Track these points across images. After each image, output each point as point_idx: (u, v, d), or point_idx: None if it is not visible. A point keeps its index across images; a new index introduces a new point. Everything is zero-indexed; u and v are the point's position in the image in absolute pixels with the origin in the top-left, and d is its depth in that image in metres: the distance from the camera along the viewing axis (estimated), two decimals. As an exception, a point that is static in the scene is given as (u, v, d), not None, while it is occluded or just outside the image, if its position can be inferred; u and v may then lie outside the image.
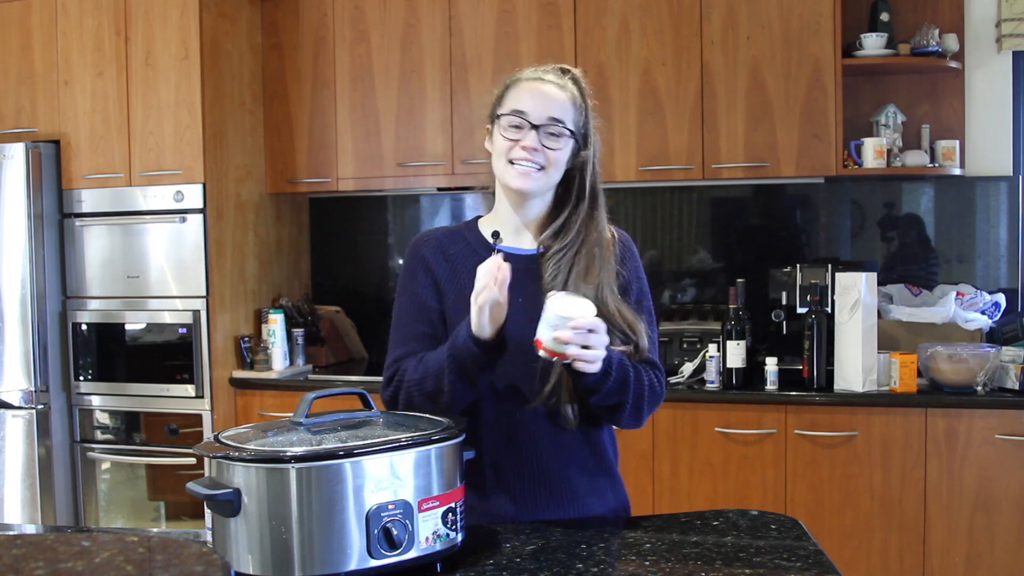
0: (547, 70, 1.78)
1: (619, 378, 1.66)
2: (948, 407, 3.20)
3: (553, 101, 1.72)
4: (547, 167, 1.72)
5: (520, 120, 1.71)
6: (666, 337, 3.58)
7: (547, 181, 1.74)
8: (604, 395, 1.67)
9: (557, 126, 1.71)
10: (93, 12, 3.88)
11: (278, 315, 3.89)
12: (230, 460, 1.35)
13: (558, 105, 1.72)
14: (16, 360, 3.84)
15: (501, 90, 1.79)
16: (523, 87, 1.74)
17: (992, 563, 3.18)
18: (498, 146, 1.74)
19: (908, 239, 3.81)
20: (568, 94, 1.75)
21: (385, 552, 1.35)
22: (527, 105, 1.72)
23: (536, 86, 1.74)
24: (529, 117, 1.71)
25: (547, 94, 1.73)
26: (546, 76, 1.76)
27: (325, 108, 4.01)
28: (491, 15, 3.79)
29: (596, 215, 1.78)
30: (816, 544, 1.54)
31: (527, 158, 1.71)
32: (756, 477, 3.35)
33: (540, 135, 1.70)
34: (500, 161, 1.74)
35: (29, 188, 3.83)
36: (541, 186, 1.74)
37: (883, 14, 3.59)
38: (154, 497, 3.95)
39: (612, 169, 3.67)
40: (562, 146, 1.73)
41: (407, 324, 1.78)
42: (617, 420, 1.76)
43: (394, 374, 1.74)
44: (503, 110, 1.74)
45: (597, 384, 1.64)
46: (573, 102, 1.75)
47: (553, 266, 1.73)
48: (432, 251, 1.80)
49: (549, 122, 1.71)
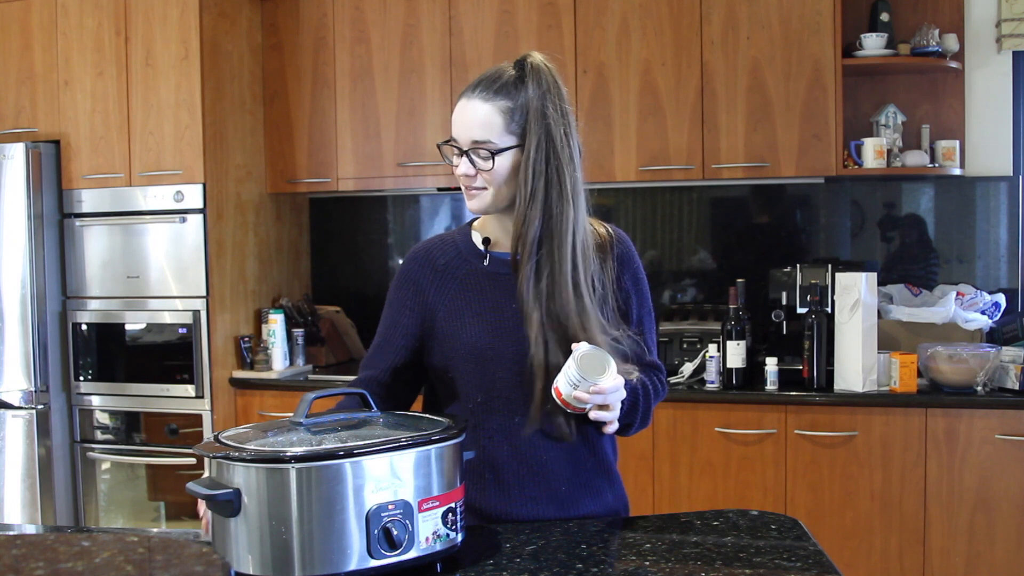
0: (487, 75, 1.70)
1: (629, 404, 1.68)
2: (948, 407, 3.20)
3: (472, 122, 1.67)
4: (488, 186, 1.70)
5: (454, 147, 1.70)
6: (666, 337, 3.58)
7: (497, 197, 1.70)
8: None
9: (481, 148, 1.67)
10: (93, 12, 3.88)
11: (278, 315, 3.89)
12: (230, 460, 1.35)
13: (478, 125, 1.66)
14: (16, 360, 3.84)
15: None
16: (457, 107, 1.71)
17: (992, 563, 3.18)
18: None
19: (908, 239, 3.81)
20: (497, 104, 1.66)
21: (385, 552, 1.35)
22: (455, 130, 1.70)
23: (459, 108, 1.70)
24: (458, 143, 1.69)
25: (467, 116, 1.68)
26: (473, 92, 1.69)
27: (325, 108, 4.01)
28: (491, 15, 3.79)
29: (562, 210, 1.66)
30: (816, 544, 1.54)
31: (468, 185, 1.71)
32: (756, 477, 3.35)
33: (470, 157, 1.68)
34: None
35: (29, 188, 3.83)
36: (492, 203, 1.71)
37: (883, 14, 3.59)
38: (154, 497, 3.95)
39: (612, 169, 3.67)
40: (492, 165, 1.67)
41: (377, 345, 1.80)
42: (623, 434, 1.78)
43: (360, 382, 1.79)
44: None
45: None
46: (504, 111, 1.66)
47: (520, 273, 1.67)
48: (420, 267, 1.79)
49: (473, 146, 1.68)
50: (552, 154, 1.66)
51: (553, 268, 1.66)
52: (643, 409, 1.73)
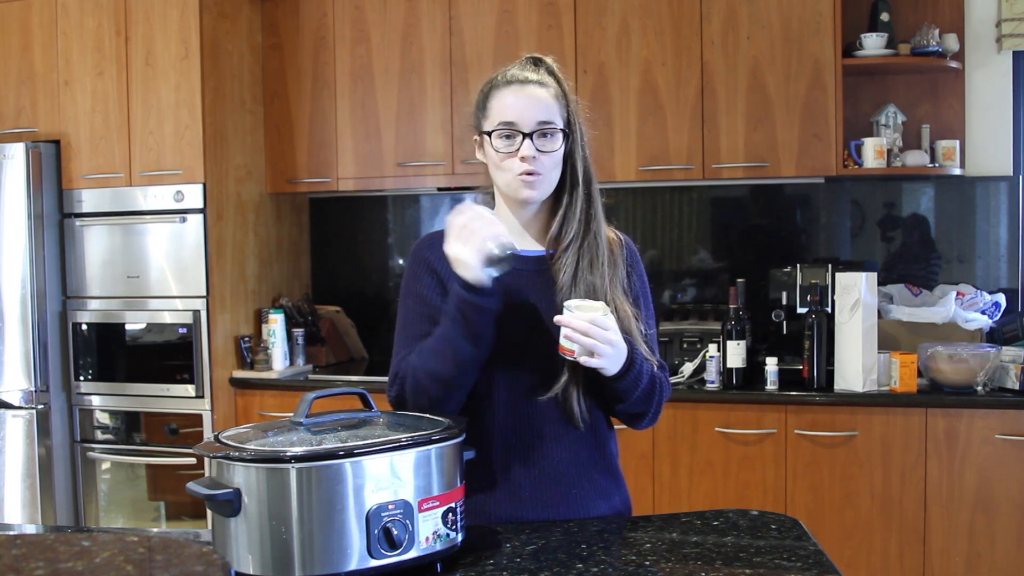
0: (523, 66, 1.75)
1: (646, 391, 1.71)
2: (948, 407, 3.20)
3: (538, 103, 1.69)
4: (546, 171, 1.71)
5: (511, 131, 1.69)
6: (666, 337, 3.58)
7: (550, 183, 1.74)
8: (629, 404, 1.72)
9: (547, 127, 1.70)
10: (93, 12, 3.88)
11: (278, 315, 3.89)
12: (230, 460, 1.35)
13: (544, 106, 1.70)
14: (16, 360, 3.84)
15: (480, 98, 1.75)
16: (505, 94, 1.71)
17: (992, 563, 3.18)
18: (493, 158, 1.72)
19: (908, 239, 3.81)
20: (550, 90, 1.72)
21: (385, 552, 1.35)
22: (514, 114, 1.69)
23: (517, 91, 1.70)
24: (519, 127, 1.69)
25: (531, 97, 1.70)
26: (524, 75, 1.72)
27: (325, 108, 4.01)
28: (491, 15, 3.79)
29: (592, 200, 1.76)
30: (816, 544, 1.54)
31: (527, 169, 1.69)
32: (756, 477, 3.35)
33: (533, 140, 1.69)
34: (500, 173, 1.72)
35: (29, 188, 3.83)
36: (546, 190, 1.74)
37: (883, 14, 3.59)
38: (154, 497, 3.95)
39: (612, 169, 3.67)
40: (556, 146, 1.71)
41: (413, 326, 1.75)
42: (635, 424, 1.80)
43: (399, 369, 1.71)
44: (490, 125, 1.71)
45: (626, 392, 1.69)
46: (556, 96, 1.72)
47: (560, 264, 1.73)
48: (436, 253, 1.78)
49: (539, 127, 1.69)
50: (586, 146, 1.77)
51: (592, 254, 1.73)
52: (657, 399, 1.76)
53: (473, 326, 1.61)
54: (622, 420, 1.81)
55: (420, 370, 1.66)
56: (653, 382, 1.74)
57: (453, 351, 1.63)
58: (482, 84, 1.78)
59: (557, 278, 1.73)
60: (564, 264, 1.72)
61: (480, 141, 1.77)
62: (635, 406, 1.73)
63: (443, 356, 1.63)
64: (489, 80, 1.76)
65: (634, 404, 1.72)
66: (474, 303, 1.60)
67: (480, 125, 1.76)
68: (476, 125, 1.78)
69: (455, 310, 1.62)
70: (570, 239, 1.73)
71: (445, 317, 1.64)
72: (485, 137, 1.74)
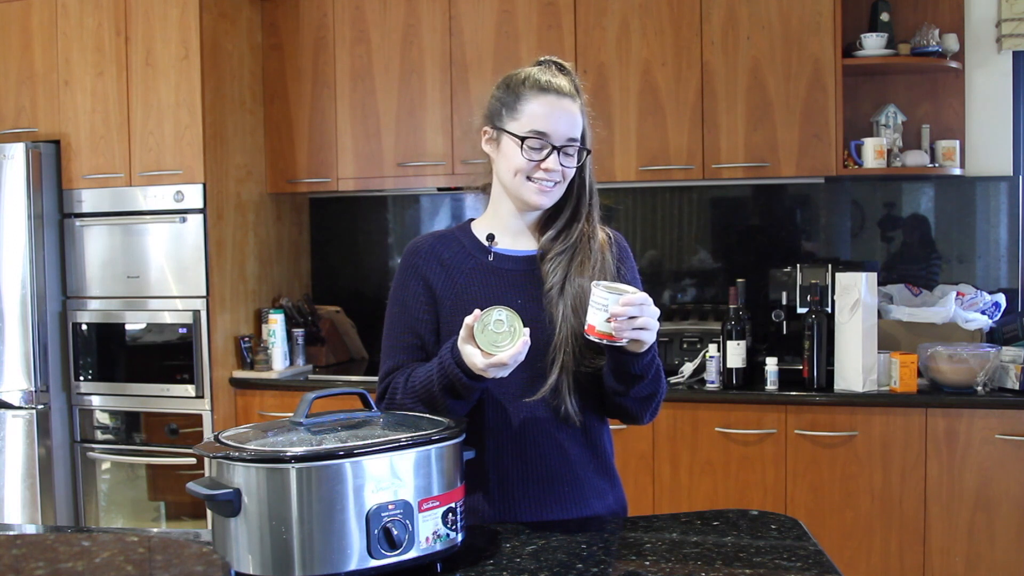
0: (554, 72, 1.75)
1: (656, 364, 1.71)
2: (948, 407, 3.20)
3: (571, 120, 1.72)
4: (562, 181, 1.75)
5: (542, 142, 1.71)
6: (666, 337, 3.58)
7: (560, 192, 1.77)
8: (646, 384, 1.70)
9: (574, 145, 1.73)
10: (93, 12, 3.88)
11: (278, 315, 3.89)
12: (230, 460, 1.35)
13: (574, 123, 1.73)
14: (16, 360, 3.84)
15: (510, 97, 1.74)
16: (542, 102, 1.71)
17: (992, 563, 3.18)
18: (514, 162, 1.72)
19: (908, 239, 3.81)
20: (577, 104, 1.74)
21: (385, 552, 1.35)
22: (548, 125, 1.70)
23: (554, 103, 1.71)
24: (551, 139, 1.71)
25: (566, 113, 1.72)
26: (559, 83, 1.73)
27: (325, 108, 4.01)
28: (491, 15, 3.79)
29: (592, 211, 1.80)
30: (816, 544, 1.54)
31: (547, 178, 1.72)
32: (756, 477, 3.35)
33: (559, 155, 1.72)
34: (516, 176, 1.73)
35: (29, 188, 3.83)
36: (556, 198, 1.76)
37: (883, 14, 3.59)
38: (154, 497, 3.95)
39: (612, 169, 3.67)
40: (576, 163, 1.75)
41: (395, 335, 1.80)
42: (640, 415, 1.77)
43: (385, 390, 1.75)
44: (520, 128, 1.71)
45: (645, 369, 1.67)
46: (581, 112, 1.75)
47: (551, 266, 1.75)
48: (425, 259, 1.79)
49: (567, 143, 1.72)
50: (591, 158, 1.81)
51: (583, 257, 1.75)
52: (662, 389, 1.76)
53: (461, 394, 1.65)
54: (627, 414, 1.78)
55: (407, 403, 1.70)
56: (658, 374, 1.74)
57: (439, 404, 1.66)
58: (508, 78, 1.77)
59: (547, 279, 1.74)
60: (555, 266, 1.74)
61: (495, 136, 1.76)
62: (649, 386, 1.71)
63: (428, 405, 1.67)
64: (522, 78, 1.74)
65: (650, 384, 1.70)
66: (469, 386, 1.62)
67: (501, 120, 1.74)
68: (493, 117, 1.76)
69: (447, 380, 1.63)
70: (566, 244, 1.76)
71: (434, 378, 1.65)
72: (508, 136, 1.73)
